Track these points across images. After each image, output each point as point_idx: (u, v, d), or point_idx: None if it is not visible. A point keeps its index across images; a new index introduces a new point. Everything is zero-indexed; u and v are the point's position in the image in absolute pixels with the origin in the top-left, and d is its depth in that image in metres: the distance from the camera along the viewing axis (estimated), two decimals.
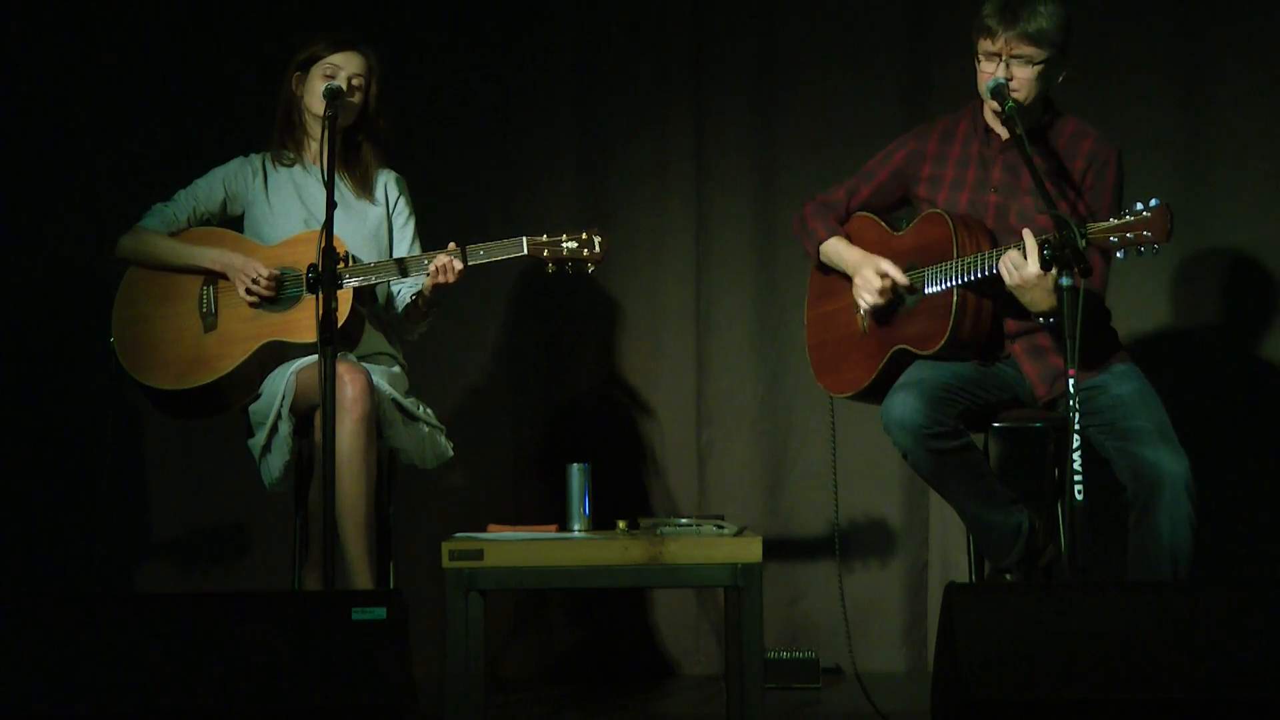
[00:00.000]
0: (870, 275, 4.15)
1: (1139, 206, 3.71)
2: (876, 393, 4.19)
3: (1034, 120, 4.11)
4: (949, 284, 4.03)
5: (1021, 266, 3.86)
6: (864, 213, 4.31)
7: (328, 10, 4.99)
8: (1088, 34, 5.09)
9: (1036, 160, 3.98)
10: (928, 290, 4.09)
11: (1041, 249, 3.77)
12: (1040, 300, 3.88)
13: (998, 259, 3.92)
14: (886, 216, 4.29)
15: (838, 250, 4.27)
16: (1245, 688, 3.28)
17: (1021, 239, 3.87)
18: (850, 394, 4.29)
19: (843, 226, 4.31)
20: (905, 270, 4.14)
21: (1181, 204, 4.98)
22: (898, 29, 5.26)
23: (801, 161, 5.24)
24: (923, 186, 4.23)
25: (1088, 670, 3.29)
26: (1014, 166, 4.11)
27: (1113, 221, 3.74)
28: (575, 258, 4.22)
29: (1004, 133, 4.14)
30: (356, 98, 4.34)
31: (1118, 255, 3.75)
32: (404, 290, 4.39)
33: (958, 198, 4.17)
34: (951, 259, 4.03)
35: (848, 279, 4.25)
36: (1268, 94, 5.13)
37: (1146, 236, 3.70)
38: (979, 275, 3.97)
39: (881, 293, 4.13)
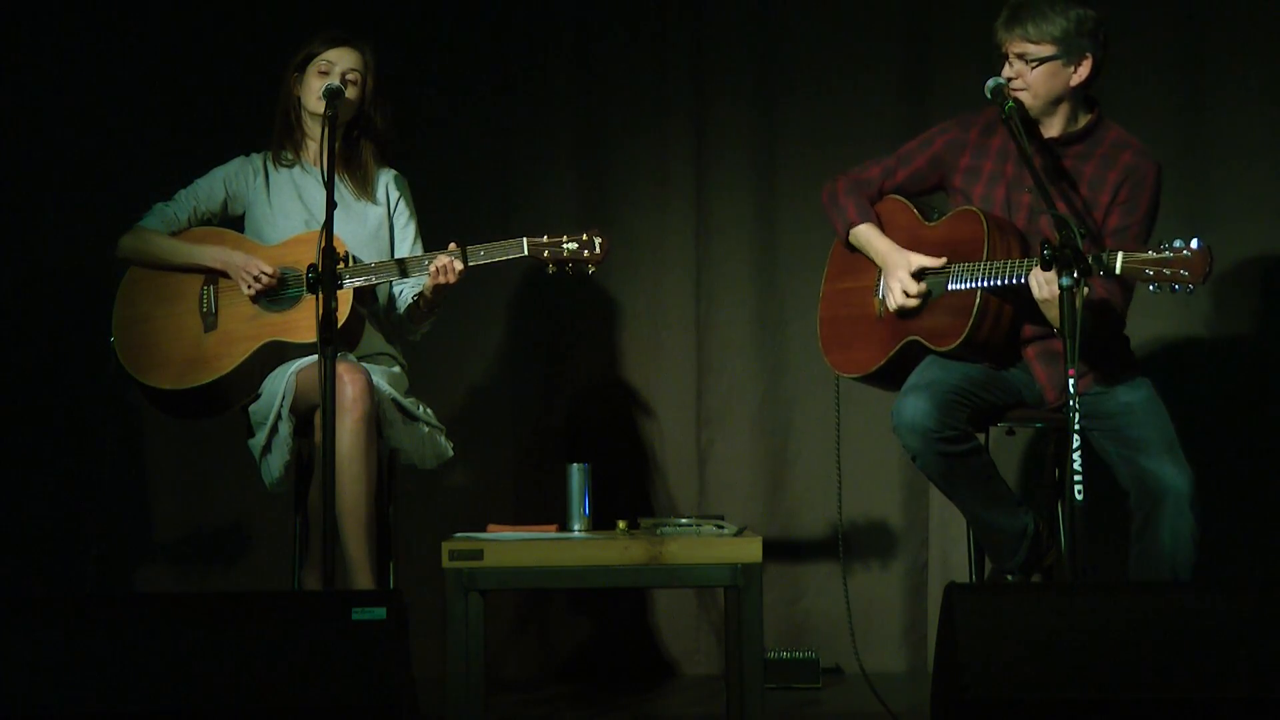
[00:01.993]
0: (904, 278, 4.11)
1: (1178, 244, 3.69)
2: (882, 378, 4.18)
3: (1068, 122, 4.09)
4: (974, 285, 4.01)
5: (1052, 282, 3.81)
6: (896, 195, 4.28)
7: (328, 10, 4.99)
8: None
9: (1037, 160, 3.97)
10: (951, 287, 4.06)
11: (1042, 249, 3.77)
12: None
13: (1028, 271, 3.91)
14: (918, 201, 4.25)
15: (869, 237, 4.23)
16: (1245, 688, 3.28)
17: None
18: (856, 375, 4.25)
19: (874, 208, 4.28)
20: None
21: (1181, 204, 5.00)
22: (898, 29, 5.26)
23: (801, 161, 5.24)
24: (960, 177, 4.19)
25: (1088, 670, 3.29)
26: (1049, 169, 4.07)
27: (1151, 255, 3.71)
28: (575, 259, 4.21)
29: (1045, 132, 4.11)
30: (352, 92, 4.33)
31: (1150, 289, 3.73)
32: (406, 291, 4.39)
33: (994, 191, 4.14)
34: (980, 260, 4.01)
35: (873, 261, 4.23)
36: (1268, 94, 5.13)
37: (1184, 276, 3.68)
38: (1007, 282, 3.95)
39: (916, 296, 4.10)
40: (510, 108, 5.30)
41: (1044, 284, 3.85)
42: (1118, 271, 3.71)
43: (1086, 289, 3.62)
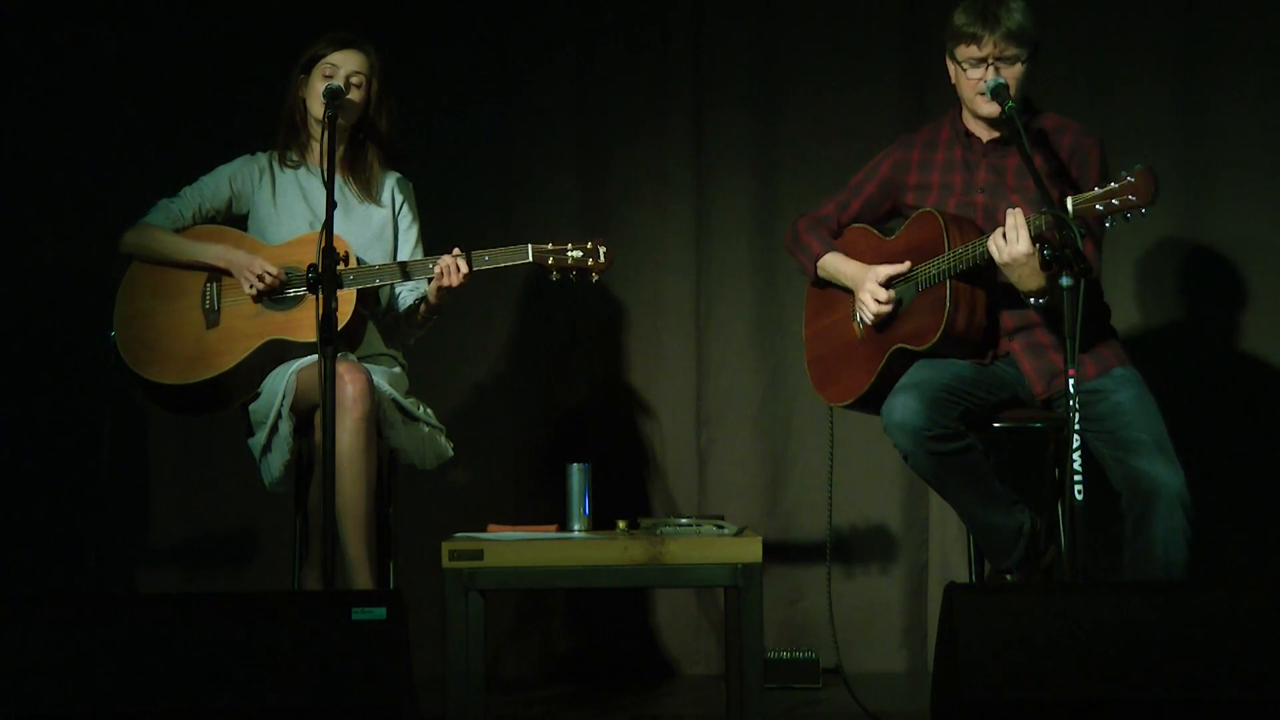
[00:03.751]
0: (873, 288, 4.14)
1: (1122, 173, 3.73)
2: (876, 397, 4.19)
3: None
4: (942, 277, 4.03)
5: (1012, 243, 3.86)
6: (856, 224, 4.32)
7: (330, 10, 4.99)
8: (1087, 34, 5.11)
9: (1037, 160, 3.99)
10: (922, 287, 4.09)
11: (1041, 250, 3.78)
12: (1027, 279, 3.89)
13: (987, 243, 3.93)
14: (878, 226, 4.31)
15: (835, 264, 4.29)
16: (1245, 688, 3.29)
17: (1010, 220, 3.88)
18: (851, 400, 4.29)
19: (835, 240, 4.32)
20: None
21: (1180, 204, 5.01)
22: (898, 30, 5.26)
23: (801, 163, 5.24)
24: (910, 194, 4.24)
25: (1088, 670, 3.29)
26: (998, 166, 4.13)
27: (1097, 190, 3.75)
28: (580, 267, 4.22)
29: (984, 135, 4.17)
30: (356, 95, 4.33)
31: (1106, 224, 3.76)
32: (405, 293, 4.39)
33: (946, 201, 4.18)
34: (943, 253, 4.04)
35: (845, 291, 4.26)
36: (1268, 94, 5.14)
37: (1132, 201, 3.71)
38: (970, 264, 3.98)
39: (886, 302, 4.12)
40: (512, 110, 5.30)
41: (1003, 247, 3.87)
42: (1070, 215, 3.72)
43: (1067, 279, 3.62)
